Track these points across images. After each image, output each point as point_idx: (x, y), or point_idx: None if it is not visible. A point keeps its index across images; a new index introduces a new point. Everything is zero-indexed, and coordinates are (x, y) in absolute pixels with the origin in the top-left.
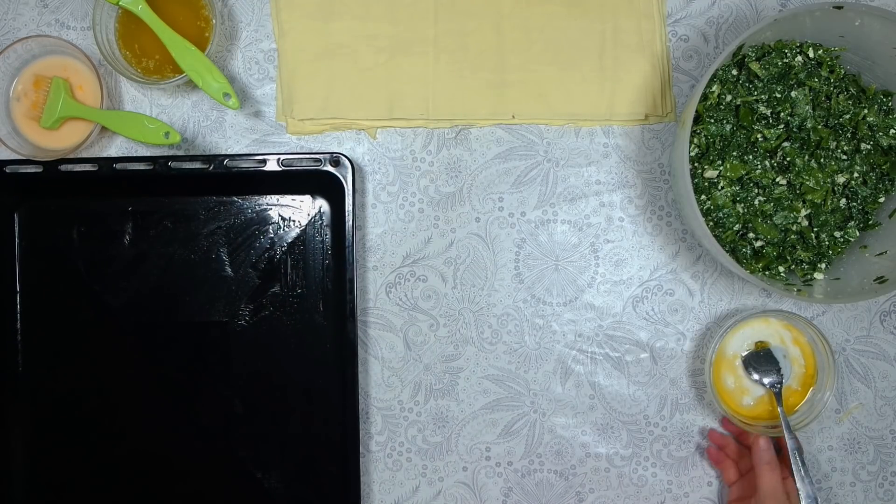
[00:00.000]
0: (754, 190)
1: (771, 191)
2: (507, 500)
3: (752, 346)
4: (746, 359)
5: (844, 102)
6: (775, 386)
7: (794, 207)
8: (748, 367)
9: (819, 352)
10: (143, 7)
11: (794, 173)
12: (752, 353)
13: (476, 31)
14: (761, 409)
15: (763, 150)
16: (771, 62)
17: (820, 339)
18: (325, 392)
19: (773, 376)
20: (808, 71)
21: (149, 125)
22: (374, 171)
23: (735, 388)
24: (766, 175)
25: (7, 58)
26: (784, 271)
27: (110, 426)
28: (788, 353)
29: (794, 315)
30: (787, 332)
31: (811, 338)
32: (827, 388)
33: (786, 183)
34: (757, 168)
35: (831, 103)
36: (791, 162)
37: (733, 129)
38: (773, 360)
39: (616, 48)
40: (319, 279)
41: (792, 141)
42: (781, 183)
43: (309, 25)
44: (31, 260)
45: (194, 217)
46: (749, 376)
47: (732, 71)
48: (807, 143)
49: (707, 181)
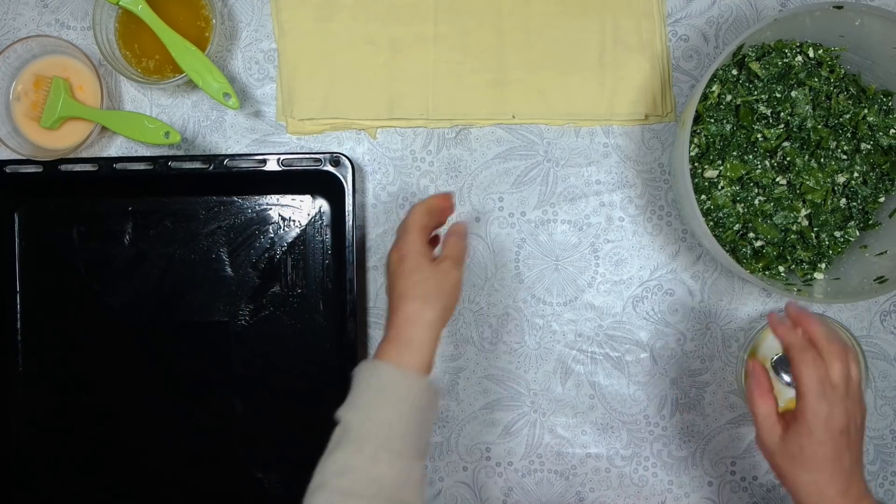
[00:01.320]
0: (754, 190)
1: (771, 191)
2: (507, 500)
3: (781, 348)
4: (777, 361)
5: (844, 102)
6: None
7: (795, 207)
8: (778, 370)
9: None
10: (143, 7)
11: (794, 173)
12: (783, 356)
13: (476, 31)
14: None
15: (763, 149)
16: (771, 62)
17: (852, 342)
18: (325, 392)
19: None
20: (809, 71)
21: (149, 125)
22: (374, 171)
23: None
24: (766, 175)
25: (7, 58)
26: (784, 271)
27: (110, 426)
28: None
29: (825, 317)
30: None
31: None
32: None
33: (786, 183)
34: (757, 168)
35: (831, 103)
36: (791, 162)
37: (733, 128)
38: None
39: (616, 48)
40: (319, 279)
41: (792, 141)
42: (781, 183)
43: (309, 25)
44: (31, 260)
45: (194, 217)
46: (780, 379)
47: (732, 71)
48: (807, 142)
49: (707, 181)
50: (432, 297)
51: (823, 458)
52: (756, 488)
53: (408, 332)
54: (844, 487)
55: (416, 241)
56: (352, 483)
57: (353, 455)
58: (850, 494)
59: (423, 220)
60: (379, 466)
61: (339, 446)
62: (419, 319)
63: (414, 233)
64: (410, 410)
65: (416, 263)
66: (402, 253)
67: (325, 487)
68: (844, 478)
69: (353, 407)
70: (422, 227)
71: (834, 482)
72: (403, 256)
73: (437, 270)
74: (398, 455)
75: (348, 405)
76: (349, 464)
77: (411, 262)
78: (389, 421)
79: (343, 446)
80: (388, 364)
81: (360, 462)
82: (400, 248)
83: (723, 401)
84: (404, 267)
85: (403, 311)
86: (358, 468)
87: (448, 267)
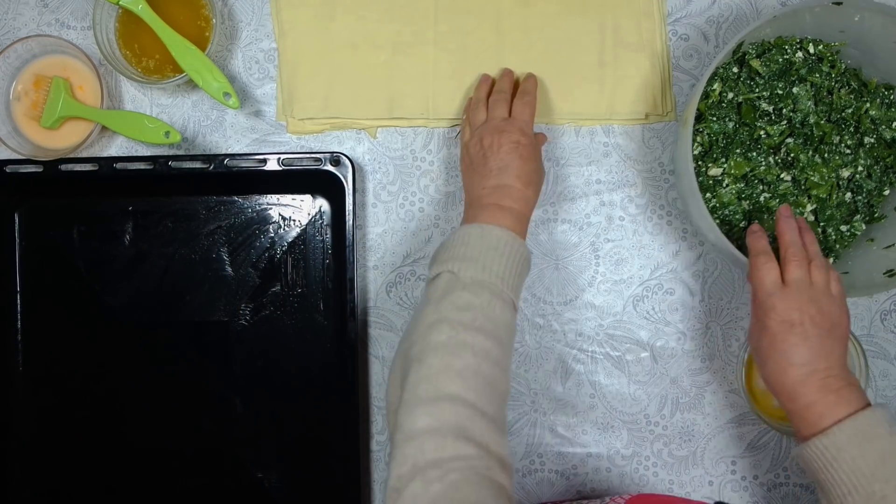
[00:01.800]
0: (759, 186)
1: (776, 187)
2: None
3: None
4: None
5: (846, 97)
6: None
7: (800, 203)
8: None
9: (850, 353)
10: (144, 7)
11: (798, 169)
12: None
13: (476, 31)
14: None
15: (766, 146)
16: (771, 59)
17: (852, 341)
18: (326, 392)
19: None
20: (809, 66)
21: (149, 125)
22: (374, 171)
23: (766, 389)
24: (770, 171)
25: (7, 58)
26: None
27: (110, 426)
28: None
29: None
30: None
31: None
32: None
33: (790, 179)
34: (761, 165)
35: (833, 98)
36: (795, 158)
37: (736, 126)
38: None
39: (616, 47)
40: (320, 279)
41: (795, 137)
42: (786, 179)
43: (309, 25)
44: (31, 260)
45: (194, 217)
46: None
47: (733, 68)
48: (810, 138)
49: (711, 179)
50: (537, 184)
51: (773, 349)
52: (756, 488)
53: (521, 208)
54: (804, 376)
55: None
56: (472, 318)
57: (472, 297)
58: (811, 384)
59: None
60: (495, 311)
61: (453, 291)
62: (529, 202)
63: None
64: (518, 267)
65: (531, 153)
66: (517, 139)
67: (446, 322)
68: (803, 370)
69: (464, 259)
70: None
71: (788, 372)
72: (519, 143)
73: (540, 164)
74: (508, 304)
75: (456, 258)
76: (468, 302)
77: (527, 151)
78: (503, 274)
79: (458, 290)
80: (501, 228)
81: (479, 303)
82: (514, 132)
83: (723, 400)
84: (521, 152)
85: (516, 189)
86: (478, 308)
87: (542, 160)
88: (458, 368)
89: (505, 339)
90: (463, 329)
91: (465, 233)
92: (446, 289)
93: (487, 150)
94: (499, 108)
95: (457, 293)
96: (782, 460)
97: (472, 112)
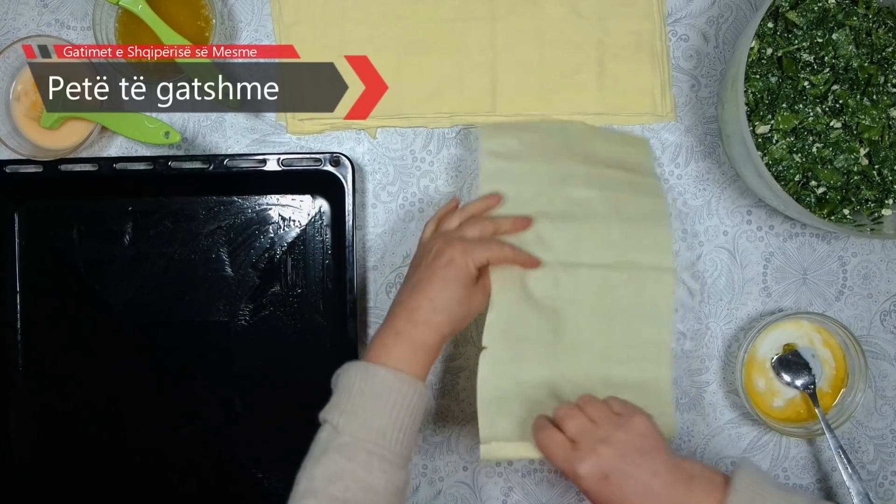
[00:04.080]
0: (809, 138)
1: (827, 136)
2: (508, 500)
3: (781, 348)
4: (777, 361)
5: (885, 36)
6: (809, 387)
7: (853, 148)
8: (778, 370)
9: (850, 354)
10: (143, 7)
11: (847, 115)
12: (783, 356)
13: (475, 31)
14: (791, 412)
15: (812, 96)
16: (806, 8)
17: (852, 342)
18: (326, 392)
19: (805, 378)
20: (846, 10)
21: (149, 125)
22: (374, 171)
23: (766, 390)
24: (819, 121)
25: (7, 58)
26: (850, 213)
27: (110, 426)
28: (817, 355)
29: (827, 318)
30: (817, 335)
31: (842, 340)
32: (859, 389)
33: (840, 125)
34: (809, 116)
35: (872, 39)
36: (843, 104)
37: (779, 81)
38: (803, 363)
39: (616, 47)
40: (319, 279)
41: (841, 83)
42: (836, 126)
43: (309, 25)
44: (31, 260)
45: (194, 217)
46: (780, 378)
47: (768, 24)
48: (856, 82)
49: (760, 137)
50: (452, 314)
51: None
52: None
53: (421, 336)
54: (656, 495)
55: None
56: (344, 490)
57: (345, 461)
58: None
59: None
60: (372, 474)
61: (328, 451)
62: (434, 330)
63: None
64: (403, 420)
65: (459, 279)
66: (451, 258)
67: (316, 494)
68: (649, 495)
69: (343, 411)
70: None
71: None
72: (452, 263)
73: (468, 297)
74: (391, 463)
75: (337, 408)
76: (341, 470)
77: (455, 274)
78: (384, 429)
79: (333, 452)
80: (386, 369)
81: (352, 469)
82: (456, 251)
83: (723, 401)
84: (448, 273)
85: (423, 311)
86: (350, 475)
87: (481, 287)
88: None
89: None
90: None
91: (349, 376)
92: (325, 446)
93: (424, 257)
94: (472, 226)
95: (331, 455)
96: (782, 460)
97: (447, 216)
